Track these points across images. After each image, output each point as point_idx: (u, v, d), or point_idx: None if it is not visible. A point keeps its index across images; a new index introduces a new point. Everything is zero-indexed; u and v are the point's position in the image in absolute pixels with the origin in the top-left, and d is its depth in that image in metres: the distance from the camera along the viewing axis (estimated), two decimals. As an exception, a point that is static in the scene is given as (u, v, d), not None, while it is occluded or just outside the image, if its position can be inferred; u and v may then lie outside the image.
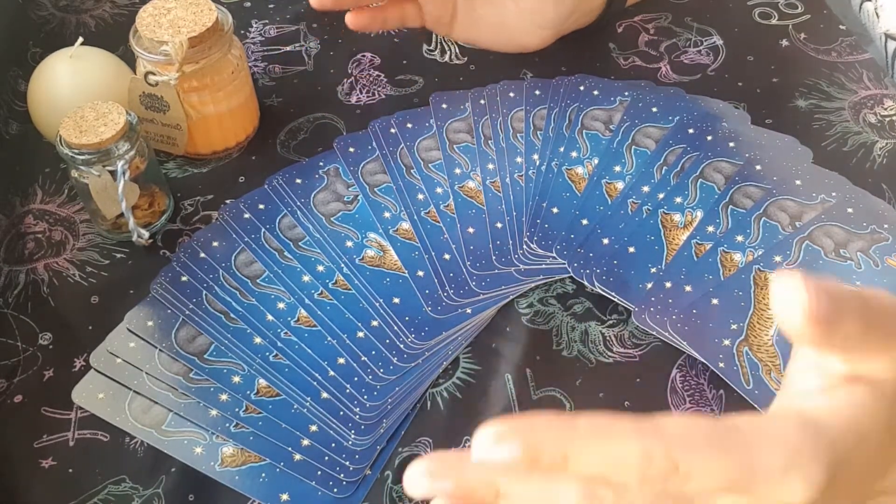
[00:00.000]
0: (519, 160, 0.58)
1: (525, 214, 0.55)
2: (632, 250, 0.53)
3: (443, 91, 0.62)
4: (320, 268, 0.53)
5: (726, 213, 0.54)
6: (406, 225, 0.55)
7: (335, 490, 0.44)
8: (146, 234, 0.54)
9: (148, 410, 0.47)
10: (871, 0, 0.69)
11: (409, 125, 0.60)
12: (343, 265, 0.53)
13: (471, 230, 0.54)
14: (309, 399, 0.47)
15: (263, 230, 0.55)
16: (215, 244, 0.54)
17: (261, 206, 0.56)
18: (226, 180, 0.58)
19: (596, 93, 0.62)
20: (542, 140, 0.59)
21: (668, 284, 0.51)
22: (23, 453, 0.46)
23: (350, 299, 0.51)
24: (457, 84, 0.63)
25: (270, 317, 0.51)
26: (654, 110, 0.60)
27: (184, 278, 0.52)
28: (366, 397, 0.47)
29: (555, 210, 0.55)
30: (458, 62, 0.66)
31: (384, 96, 0.63)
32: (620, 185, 0.56)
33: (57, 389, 0.48)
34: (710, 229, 0.53)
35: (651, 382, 0.48)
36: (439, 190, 0.56)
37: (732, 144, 0.58)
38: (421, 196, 0.56)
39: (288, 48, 0.67)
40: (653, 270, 0.52)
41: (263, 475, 0.45)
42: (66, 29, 0.68)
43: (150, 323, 0.50)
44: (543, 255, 0.53)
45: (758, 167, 0.56)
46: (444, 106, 0.61)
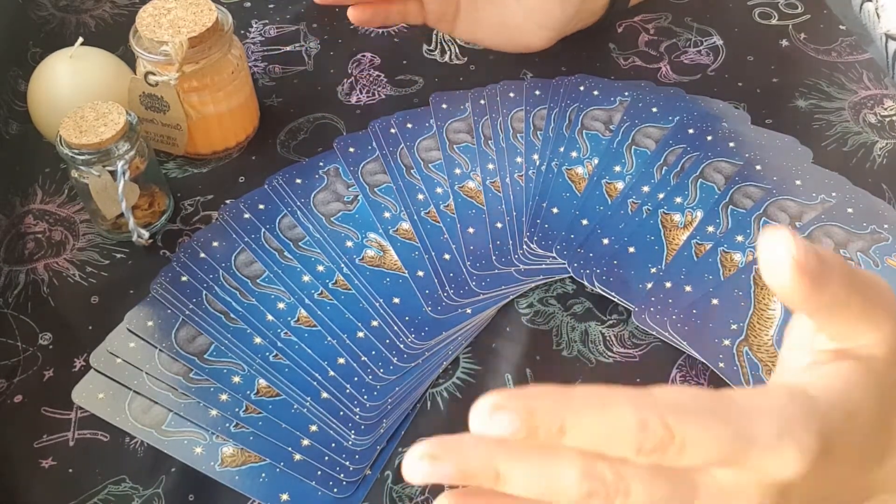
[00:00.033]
0: (519, 160, 0.58)
1: (525, 214, 0.55)
2: (632, 250, 0.53)
3: (443, 91, 0.62)
4: (320, 268, 0.53)
5: (726, 213, 0.54)
6: (406, 225, 0.55)
7: (335, 490, 0.44)
8: (146, 234, 0.54)
9: (148, 410, 0.47)
10: (872, 0, 0.69)
11: (409, 125, 0.60)
12: (343, 265, 0.53)
13: (471, 230, 0.54)
14: (309, 399, 0.47)
15: (263, 230, 0.55)
16: (215, 244, 0.54)
17: (261, 206, 0.56)
18: (226, 180, 0.58)
19: (596, 93, 0.62)
20: (542, 140, 0.59)
21: (668, 284, 0.51)
22: (23, 453, 0.46)
23: (350, 299, 0.51)
24: (457, 84, 0.63)
25: (270, 317, 0.51)
26: (654, 110, 0.60)
27: (184, 278, 0.52)
28: (366, 397, 0.47)
29: (555, 210, 0.55)
30: (458, 62, 0.66)
31: (384, 96, 0.63)
32: (620, 185, 0.56)
33: (57, 389, 0.48)
34: (710, 229, 0.53)
35: (651, 382, 0.47)
36: (439, 190, 0.56)
37: (732, 144, 0.58)
38: (421, 196, 0.56)
39: (288, 48, 0.67)
40: (653, 270, 0.52)
41: (263, 475, 0.45)
42: (66, 29, 0.68)
43: (150, 323, 0.50)
44: (543, 256, 0.53)
45: (758, 167, 0.56)
46: (444, 106, 0.61)
